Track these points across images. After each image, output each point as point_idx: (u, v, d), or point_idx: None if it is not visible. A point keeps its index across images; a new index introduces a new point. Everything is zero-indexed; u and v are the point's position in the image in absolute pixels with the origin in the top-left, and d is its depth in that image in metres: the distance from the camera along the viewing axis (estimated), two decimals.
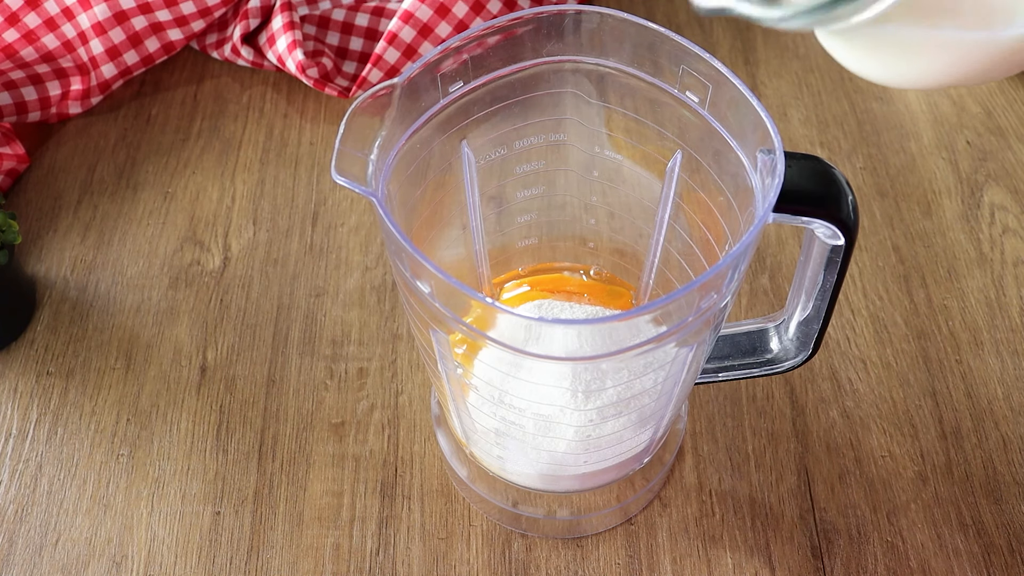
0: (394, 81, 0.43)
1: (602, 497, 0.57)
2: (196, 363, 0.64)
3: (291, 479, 0.59)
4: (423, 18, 0.75)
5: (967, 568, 0.56)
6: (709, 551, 0.56)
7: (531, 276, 0.58)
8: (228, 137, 0.76)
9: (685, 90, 0.45)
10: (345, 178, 0.40)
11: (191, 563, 0.56)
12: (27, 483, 0.59)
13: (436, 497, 0.58)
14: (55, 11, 0.75)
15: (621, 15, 0.45)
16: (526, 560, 0.56)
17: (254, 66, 0.79)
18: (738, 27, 0.84)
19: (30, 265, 0.69)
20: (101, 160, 0.75)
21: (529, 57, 0.47)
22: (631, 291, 0.58)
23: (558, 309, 0.54)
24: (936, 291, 0.67)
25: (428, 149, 0.47)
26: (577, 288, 0.57)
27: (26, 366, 0.64)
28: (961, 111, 0.78)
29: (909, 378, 0.63)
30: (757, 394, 0.62)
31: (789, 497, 0.58)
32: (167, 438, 0.61)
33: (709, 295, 0.41)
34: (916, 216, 0.71)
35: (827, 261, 0.46)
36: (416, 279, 0.41)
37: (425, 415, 0.62)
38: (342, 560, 0.56)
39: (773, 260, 0.69)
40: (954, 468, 0.59)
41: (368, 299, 0.67)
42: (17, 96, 0.75)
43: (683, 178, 0.50)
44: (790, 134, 0.76)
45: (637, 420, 0.49)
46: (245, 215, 0.71)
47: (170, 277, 0.68)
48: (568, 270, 0.59)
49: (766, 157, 0.41)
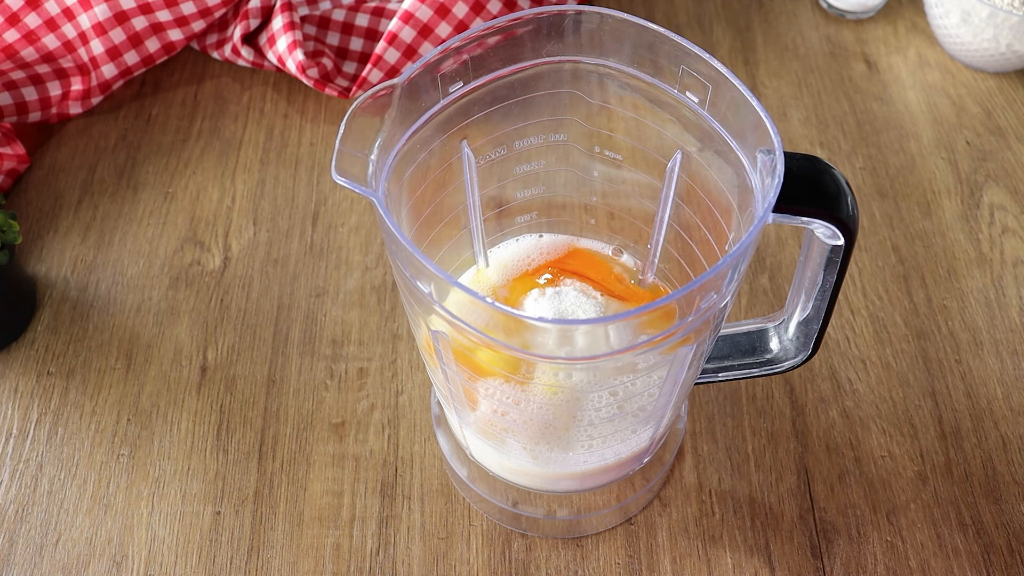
0: (394, 81, 0.43)
1: (602, 497, 0.57)
2: (196, 363, 0.64)
3: (291, 479, 0.59)
4: (423, 18, 0.75)
5: (967, 568, 0.56)
6: (709, 551, 0.56)
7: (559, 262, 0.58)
8: (228, 137, 0.76)
9: (685, 90, 0.45)
10: (345, 178, 0.40)
11: (191, 563, 0.56)
12: (27, 483, 0.59)
13: (436, 497, 0.58)
14: (55, 11, 0.75)
15: (621, 15, 0.45)
16: (526, 560, 0.56)
17: (254, 66, 0.79)
18: (738, 27, 0.84)
19: (30, 265, 0.69)
20: (101, 160, 0.75)
21: (529, 57, 0.47)
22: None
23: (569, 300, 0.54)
24: (936, 291, 0.67)
25: (428, 149, 0.47)
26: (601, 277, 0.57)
27: (26, 366, 0.64)
28: (961, 111, 0.78)
29: (909, 378, 0.63)
30: (757, 394, 0.62)
31: (789, 497, 0.58)
32: (167, 438, 0.61)
33: (709, 295, 0.41)
34: (916, 216, 0.71)
35: (827, 261, 0.46)
36: (416, 279, 0.41)
37: (425, 415, 0.62)
38: (342, 560, 0.56)
39: (773, 260, 0.69)
40: (954, 468, 0.59)
41: (368, 299, 0.67)
42: (17, 96, 0.75)
43: (683, 178, 0.50)
44: (790, 134, 0.76)
45: (637, 420, 0.49)
46: (245, 215, 0.71)
47: (170, 277, 0.68)
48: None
49: (766, 157, 0.41)
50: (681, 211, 0.51)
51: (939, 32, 0.81)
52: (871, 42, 0.83)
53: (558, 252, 0.58)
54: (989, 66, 0.80)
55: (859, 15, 0.85)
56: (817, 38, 0.83)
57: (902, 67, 0.81)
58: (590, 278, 0.56)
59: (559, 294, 0.53)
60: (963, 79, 0.80)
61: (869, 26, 0.84)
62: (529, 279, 0.56)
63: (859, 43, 0.83)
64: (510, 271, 0.57)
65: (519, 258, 0.57)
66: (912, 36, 0.84)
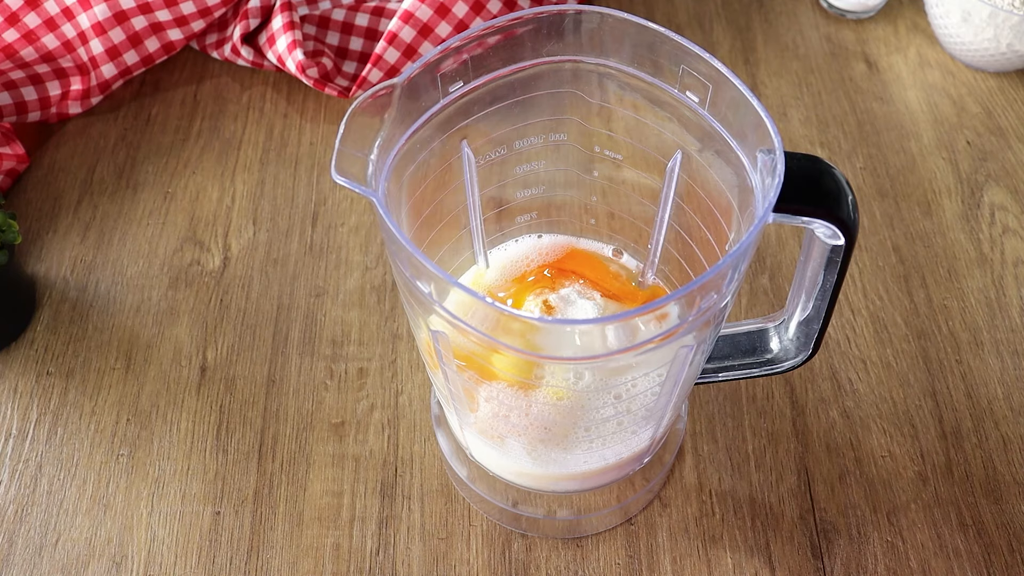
0: (394, 81, 0.43)
1: (602, 497, 0.57)
2: (196, 363, 0.64)
3: (291, 479, 0.59)
4: (423, 18, 0.75)
5: (967, 568, 0.56)
6: (709, 551, 0.56)
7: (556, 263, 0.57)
8: (228, 137, 0.76)
9: (685, 90, 0.45)
10: (345, 178, 0.40)
11: (191, 563, 0.56)
12: (27, 483, 0.59)
13: (436, 497, 0.58)
14: (55, 11, 0.75)
15: (621, 15, 0.45)
16: (526, 560, 0.56)
17: (254, 66, 0.79)
18: (738, 27, 0.84)
19: (30, 265, 0.69)
20: (101, 160, 0.75)
21: (529, 57, 0.47)
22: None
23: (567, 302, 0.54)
24: (936, 291, 0.67)
25: (428, 149, 0.47)
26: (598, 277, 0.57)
27: (26, 366, 0.64)
28: (961, 111, 0.78)
29: (909, 378, 0.63)
30: (757, 394, 0.62)
31: (789, 497, 0.58)
32: (167, 438, 0.61)
33: (709, 295, 0.41)
34: (916, 216, 0.71)
35: (827, 261, 0.46)
36: (416, 279, 0.41)
37: (425, 415, 0.62)
38: (342, 560, 0.56)
39: (773, 260, 0.69)
40: (954, 468, 0.59)
41: (368, 299, 0.67)
42: (17, 96, 0.75)
43: (683, 178, 0.50)
44: (790, 134, 0.76)
45: (637, 420, 0.49)
46: (245, 215, 0.71)
47: (170, 277, 0.68)
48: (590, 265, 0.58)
49: (766, 157, 0.41)
50: (681, 211, 0.51)
51: (939, 32, 0.81)
52: (871, 42, 0.83)
53: (557, 253, 0.58)
54: (989, 66, 0.80)
55: (859, 15, 0.85)
56: (817, 38, 0.83)
57: (902, 67, 0.81)
58: (589, 278, 0.56)
59: (562, 298, 0.53)
60: (963, 79, 0.80)
61: (869, 26, 0.84)
62: (531, 285, 0.56)
63: (859, 43, 0.83)
64: (510, 272, 0.57)
65: (519, 259, 0.57)
66: (912, 36, 0.84)
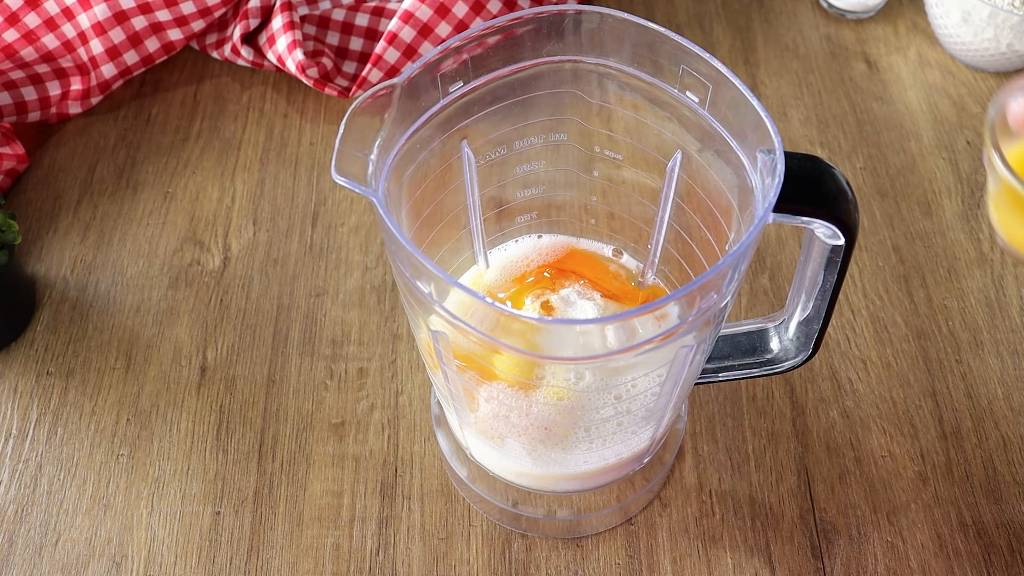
0: (394, 81, 0.43)
1: (602, 497, 0.57)
2: (196, 363, 0.64)
3: (291, 479, 0.59)
4: (423, 18, 0.75)
5: (967, 568, 0.56)
6: (709, 551, 0.56)
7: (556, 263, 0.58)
8: (228, 137, 0.76)
9: (685, 90, 0.45)
10: (345, 178, 0.40)
11: (191, 563, 0.56)
12: (27, 483, 0.59)
13: (436, 497, 0.58)
14: (55, 11, 0.75)
15: (621, 15, 0.45)
16: (526, 560, 0.56)
17: (254, 66, 0.79)
18: (738, 27, 0.84)
19: (30, 265, 0.69)
20: (101, 160, 0.75)
21: (529, 57, 0.47)
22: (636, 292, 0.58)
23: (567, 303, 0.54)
24: (936, 291, 0.67)
25: (428, 149, 0.47)
26: (597, 277, 0.57)
27: (26, 366, 0.64)
28: (961, 111, 0.78)
29: (909, 378, 0.63)
30: (757, 394, 0.62)
31: (789, 497, 0.58)
32: (167, 438, 0.61)
33: (709, 295, 0.41)
34: (916, 216, 0.71)
35: (827, 261, 0.46)
36: (416, 279, 0.41)
37: (425, 415, 0.62)
38: (342, 560, 0.56)
39: (773, 260, 0.69)
40: (954, 468, 0.59)
41: (368, 299, 0.67)
42: (17, 96, 0.75)
43: (683, 178, 0.50)
44: (790, 134, 0.76)
45: (637, 420, 0.49)
46: (245, 215, 0.71)
47: (170, 277, 0.68)
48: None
49: (766, 157, 0.41)
50: (681, 211, 0.51)
51: (939, 32, 0.81)
52: (871, 42, 0.83)
53: (557, 253, 0.58)
54: (989, 66, 0.80)
55: (859, 15, 0.85)
56: (817, 38, 0.83)
57: (902, 67, 0.81)
58: (589, 279, 0.56)
59: (562, 299, 0.53)
60: (963, 79, 0.80)
61: (869, 26, 0.84)
62: (530, 286, 0.56)
63: (859, 43, 0.83)
64: (510, 272, 0.57)
65: (519, 259, 0.57)
66: (912, 36, 0.84)
